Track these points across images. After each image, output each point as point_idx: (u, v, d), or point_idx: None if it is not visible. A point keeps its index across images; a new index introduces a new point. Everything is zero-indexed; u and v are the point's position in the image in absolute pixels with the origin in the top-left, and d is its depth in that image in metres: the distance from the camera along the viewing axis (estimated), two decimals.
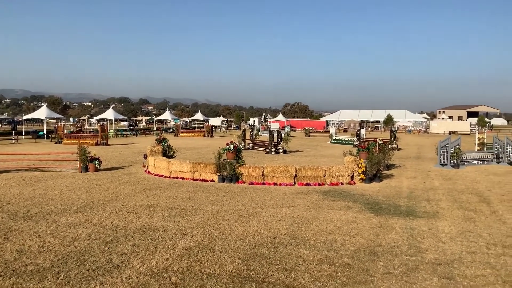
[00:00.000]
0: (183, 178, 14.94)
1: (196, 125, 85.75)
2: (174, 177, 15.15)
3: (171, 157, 17.71)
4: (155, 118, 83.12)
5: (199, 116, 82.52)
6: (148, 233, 7.98)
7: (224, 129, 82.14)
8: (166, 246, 7.21)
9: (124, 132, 53.43)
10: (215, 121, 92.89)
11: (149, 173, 16.38)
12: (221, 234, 8.02)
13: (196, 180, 14.68)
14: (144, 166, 17.82)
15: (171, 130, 62.31)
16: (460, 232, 8.36)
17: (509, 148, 21.00)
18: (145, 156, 17.77)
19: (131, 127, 67.87)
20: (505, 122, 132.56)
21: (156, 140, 18.46)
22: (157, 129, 65.46)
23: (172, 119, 73.47)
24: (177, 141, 37.89)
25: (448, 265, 6.50)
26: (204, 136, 49.65)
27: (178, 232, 8.11)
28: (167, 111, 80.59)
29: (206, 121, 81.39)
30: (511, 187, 13.83)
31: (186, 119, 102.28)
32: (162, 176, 15.53)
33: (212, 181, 14.52)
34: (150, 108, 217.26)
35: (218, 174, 14.45)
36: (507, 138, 21.36)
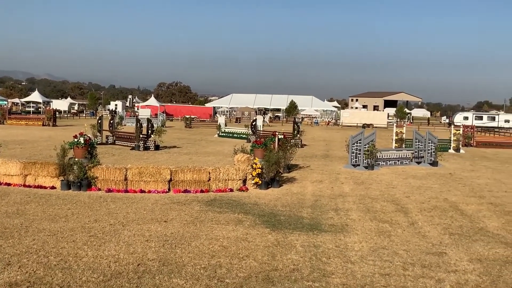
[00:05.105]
0: (9, 184, 14.39)
1: (32, 109, 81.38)
2: None
3: None
4: None
5: (36, 96, 78.58)
6: None
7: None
8: None
9: None
10: (60, 104, 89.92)
11: None
12: (63, 262, 7.74)
13: (29, 186, 14.23)
14: None
15: None
16: (373, 250, 9.03)
17: (431, 146, 23.17)
18: None
19: None
20: (427, 114, 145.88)
21: None
22: None
23: None
24: (3, 131, 36.70)
25: None
26: (43, 125, 48.16)
27: None
28: None
29: (46, 104, 77.49)
30: (432, 193, 15.32)
31: (17, 100, 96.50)
32: None
33: (53, 187, 14.10)
34: None
35: (62, 178, 14.04)
36: (429, 133, 23.53)
